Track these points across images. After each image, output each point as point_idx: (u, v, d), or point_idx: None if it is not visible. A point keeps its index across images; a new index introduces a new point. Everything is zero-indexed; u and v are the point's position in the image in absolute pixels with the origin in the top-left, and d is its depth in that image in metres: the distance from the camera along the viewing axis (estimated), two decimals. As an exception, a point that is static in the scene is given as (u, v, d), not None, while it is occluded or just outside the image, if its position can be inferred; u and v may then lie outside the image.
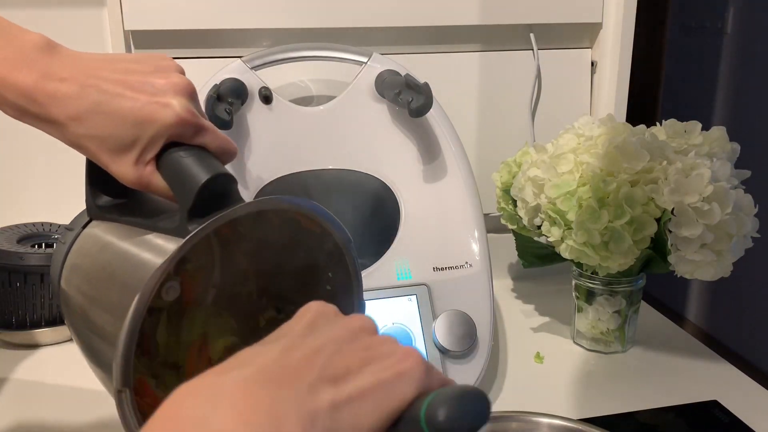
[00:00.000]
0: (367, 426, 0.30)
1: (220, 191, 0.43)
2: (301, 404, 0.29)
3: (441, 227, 0.72)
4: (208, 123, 0.46)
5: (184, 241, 0.40)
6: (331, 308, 0.36)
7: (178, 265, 0.46)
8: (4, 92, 0.43)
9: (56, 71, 0.43)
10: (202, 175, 0.42)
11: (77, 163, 0.50)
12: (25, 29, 0.45)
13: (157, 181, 0.45)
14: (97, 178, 0.48)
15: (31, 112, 0.44)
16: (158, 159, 0.45)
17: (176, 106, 0.43)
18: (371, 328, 0.35)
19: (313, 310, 0.35)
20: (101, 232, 0.48)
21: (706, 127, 0.75)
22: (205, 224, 0.41)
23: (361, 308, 0.50)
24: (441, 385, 0.33)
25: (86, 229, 0.49)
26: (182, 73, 0.47)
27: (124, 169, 0.44)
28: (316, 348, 0.32)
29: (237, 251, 0.53)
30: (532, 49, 0.94)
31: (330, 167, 0.72)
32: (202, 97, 0.69)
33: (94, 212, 0.49)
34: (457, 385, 0.33)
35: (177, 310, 0.51)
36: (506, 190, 0.82)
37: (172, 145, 0.44)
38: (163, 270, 0.39)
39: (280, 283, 0.53)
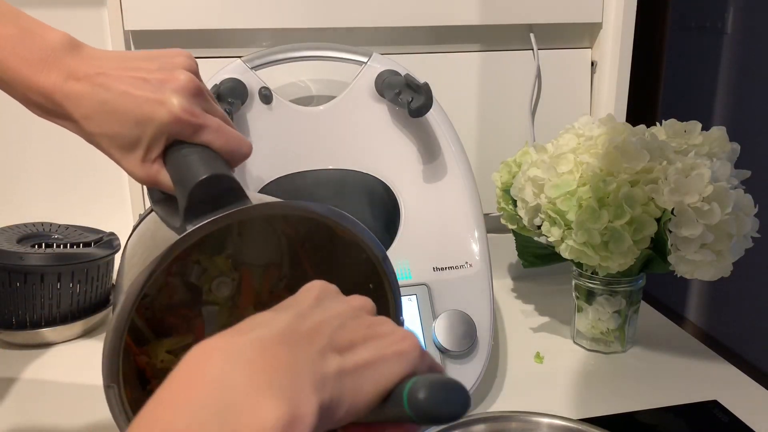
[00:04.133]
0: (365, 395, 0.32)
1: (219, 191, 0.42)
2: (313, 366, 0.30)
3: (441, 227, 0.72)
4: (211, 121, 0.45)
5: (170, 245, 0.39)
6: (333, 287, 0.38)
7: (236, 260, 0.47)
8: (28, 93, 0.44)
9: (76, 71, 0.44)
10: (196, 176, 0.41)
11: (77, 163, 0.50)
12: (49, 27, 0.45)
13: (165, 178, 0.45)
14: None
15: (52, 111, 0.45)
16: (165, 156, 0.44)
17: (172, 104, 0.43)
18: (371, 308, 0.37)
19: (318, 286, 0.37)
20: (148, 221, 0.51)
21: (706, 127, 0.75)
22: (192, 229, 0.39)
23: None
24: (430, 370, 0.36)
25: (146, 218, 0.52)
26: (191, 70, 0.46)
27: (132, 166, 0.45)
28: (324, 319, 0.34)
29: (301, 253, 0.52)
30: (532, 49, 0.94)
31: (330, 167, 0.72)
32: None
33: (151, 203, 0.50)
34: (442, 375, 0.35)
35: (231, 306, 0.51)
36: (506, 190, 0.82)
37: (178, 143, 0.44)
38: (146, 275, 0.39)
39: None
